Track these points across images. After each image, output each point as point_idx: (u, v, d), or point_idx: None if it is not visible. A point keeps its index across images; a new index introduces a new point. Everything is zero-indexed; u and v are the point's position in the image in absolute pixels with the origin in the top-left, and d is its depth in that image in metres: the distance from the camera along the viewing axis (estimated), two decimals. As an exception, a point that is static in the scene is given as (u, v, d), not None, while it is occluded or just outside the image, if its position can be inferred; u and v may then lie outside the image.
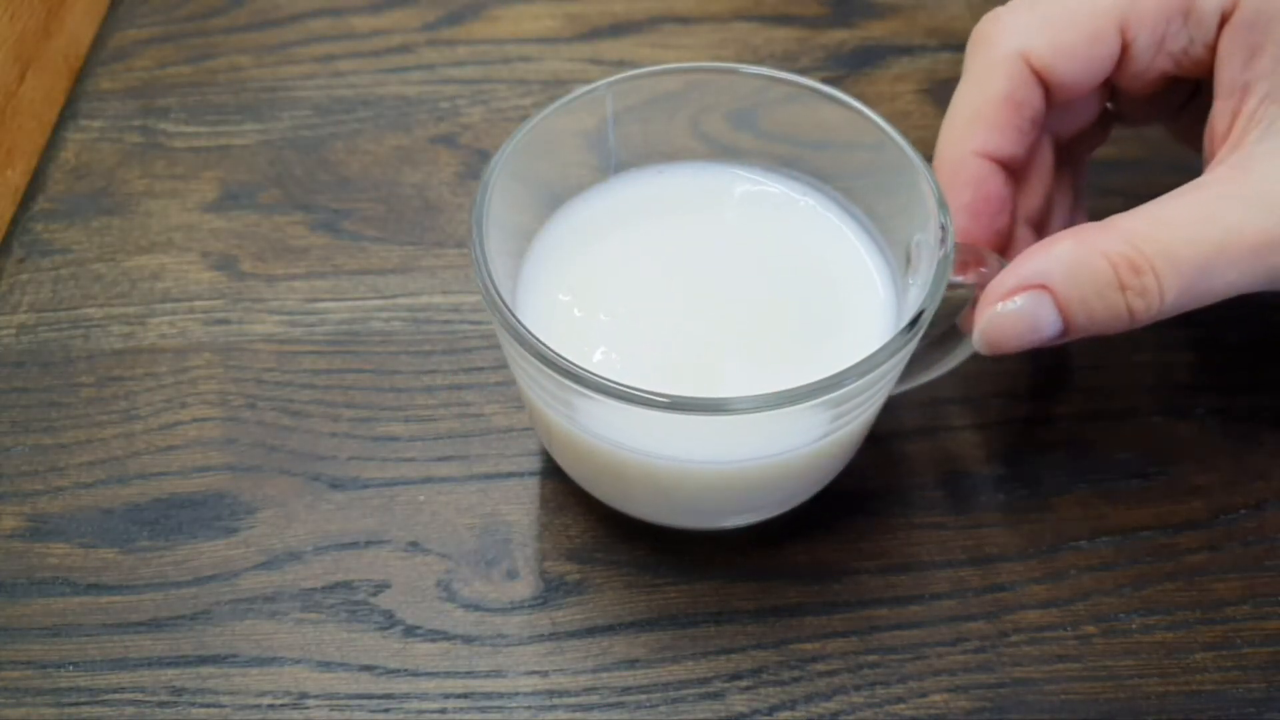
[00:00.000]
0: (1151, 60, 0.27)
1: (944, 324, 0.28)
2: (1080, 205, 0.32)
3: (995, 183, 0.28)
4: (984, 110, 0.27)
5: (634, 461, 0.26)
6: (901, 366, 0.26)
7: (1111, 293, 0.24)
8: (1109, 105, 0.30)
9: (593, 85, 0.28)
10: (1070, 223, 0.31)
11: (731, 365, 0.27)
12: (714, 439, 0.25)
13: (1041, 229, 0.30)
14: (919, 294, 0.25)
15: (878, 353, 0.24)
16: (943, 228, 0.25)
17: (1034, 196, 0.30)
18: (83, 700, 0.27)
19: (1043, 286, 0.24)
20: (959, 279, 0.26)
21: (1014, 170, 0.28)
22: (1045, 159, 0.30)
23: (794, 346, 0.27)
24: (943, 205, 0.26)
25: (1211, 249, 0.24)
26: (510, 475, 0.31)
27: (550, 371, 0.23)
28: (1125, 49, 0.27)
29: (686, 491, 0.27)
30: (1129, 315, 0.24)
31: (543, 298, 0.28)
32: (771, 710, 0.26)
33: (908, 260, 0.28)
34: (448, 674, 0.27)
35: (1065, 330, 0.25)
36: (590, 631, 0.28)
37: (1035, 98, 0.27)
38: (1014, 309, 0.24)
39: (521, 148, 0.27)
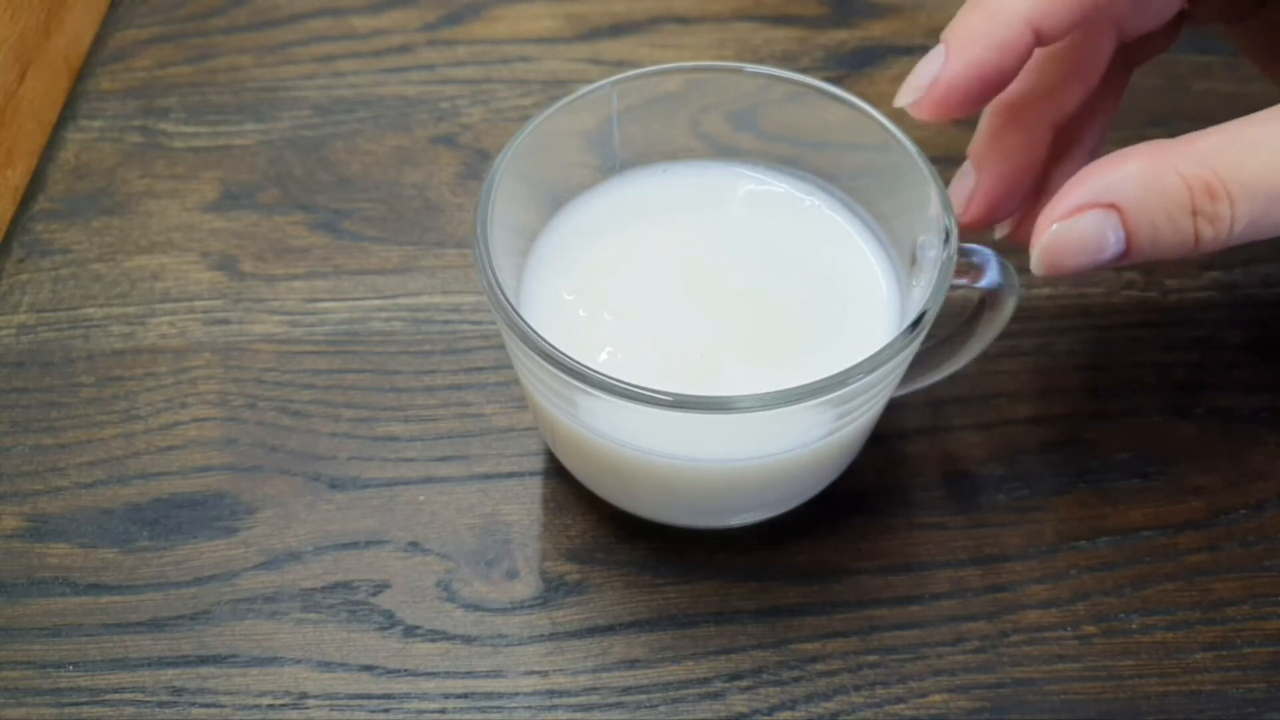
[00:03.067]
0: None
1: (948, 326, 0.28)
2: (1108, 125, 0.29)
3: (1022, 59, 0.25)
4: None
5: (638, 460, 0.26)
6: (904, 367, 0.26)
7: (1182, 217, 0.22)
8: None
9: (596, 85, 0.28)
10: (1099, 142, 0.29)
11: (735, 364, 0.27)
12: (717, 437, 0.25)
13: (1070, 140, 0.28)
14: (922, 295, 0.25)
15: (880, 353, 0.24)
16: (946, 229, 0.25)
17: (1071, 98, 0.27)
18: (83, 700, 0.27)
19: (1111, 205, 0.23)
20: (962, 281, 0.26)
21: (1053, 60, 0.26)
22: (1101, 52, 0.26)
23: (797, 346, 0.27)
24: (947, 207, 0.26)
25: None
26: (510, 475, 0.31)
27: (555, 370, 0.24)
28: None
29: (689, 490, 0.27)
30: (1195, 242, 0.23)
31: (547, 297, 0.28)
32: (771, 710, 0.26)
33: (912, 261, 0.28)
34: (448, 674, 0.27)
35: (1127, 253, 0.23)
36: (590, 631, 0.28)
37: None
38: (1078, 228, 0.23)
39: (525, 148, 0.27)
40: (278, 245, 0.36)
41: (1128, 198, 0.22)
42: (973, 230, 0.27)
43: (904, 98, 0.25)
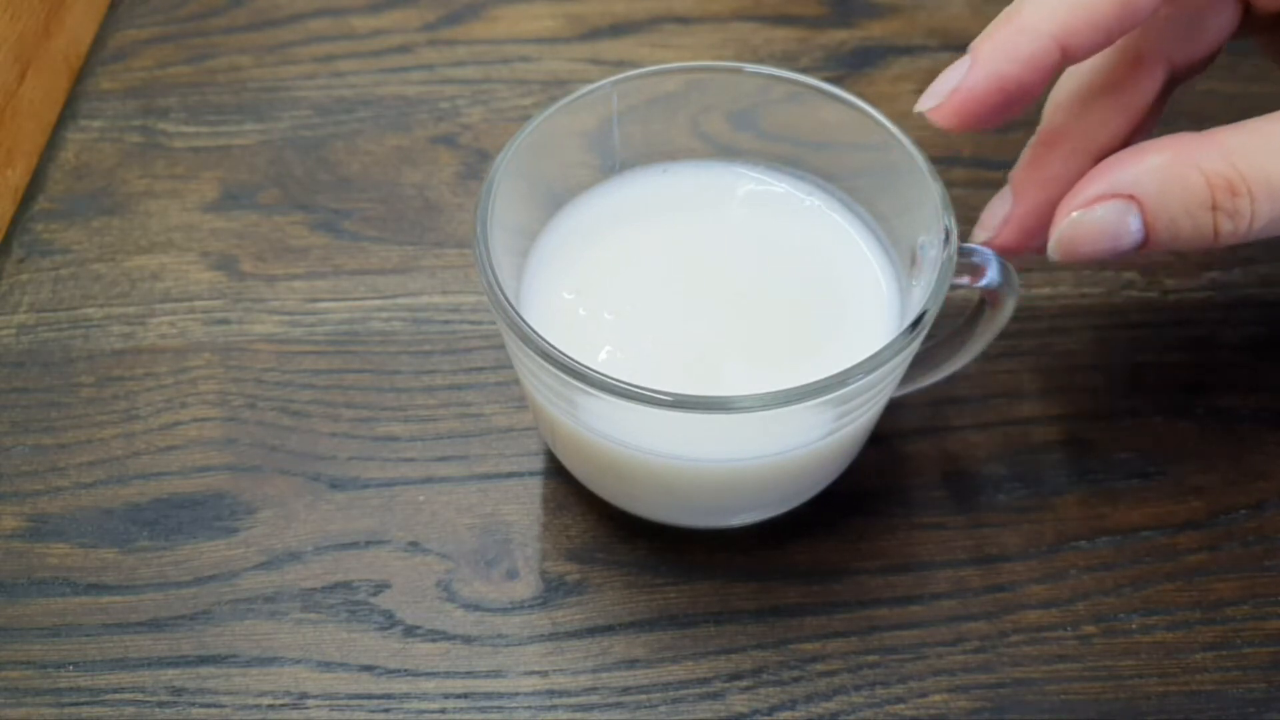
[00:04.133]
0: None
1: (948, 326, 0.28)
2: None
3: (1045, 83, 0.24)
4: None
5: (638, 460, 0.26)
6: (904, 367, 0.26)
7: (1202, 212, 0.22)
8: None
9: (596, 85, 0.28)
10: None
11: (734, 364, 0.27)
12: (717, 438, 0.25)
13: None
14: (922, 294, 0.25)
15: (880, 353, 0.24)
16: (946, 229, 0.25)
17: (1118, 132, 0.26)
18: (83, 700, 0.27)
19: (1132, 197, 0.23)
20: (962, 280, 0.26)
21: (1103, 93, 0.26)
22: (1151, 85, 0.26)
23: (797, 346, 0.27)
24: (947, 207, 0.26)
25: None
26: (510, 475, 0.31)
27: (555, 370, 0.24)
28: None
29: (689, 490, 0.27)
30: (1214, 236, 0.23)
31: (547, 297, 0.28)
32: (771, 710, 0.26)
33: (912, 260, 0.28)
34: (448, 674, 0.27)
35: (1145, 243, 0.23)
36: (590, 631, 0.28)
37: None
38: (1097, 217, 0.23)
39: (525, 147, 0.27)
40: (278, 245, 0.36)
41: (1148, 191, 0.23)
42: (1003, 253, 0.27)
43: (925, 102, 0.25)
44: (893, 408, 0.30)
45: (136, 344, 0.34)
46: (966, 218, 0.37)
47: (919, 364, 0.28)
